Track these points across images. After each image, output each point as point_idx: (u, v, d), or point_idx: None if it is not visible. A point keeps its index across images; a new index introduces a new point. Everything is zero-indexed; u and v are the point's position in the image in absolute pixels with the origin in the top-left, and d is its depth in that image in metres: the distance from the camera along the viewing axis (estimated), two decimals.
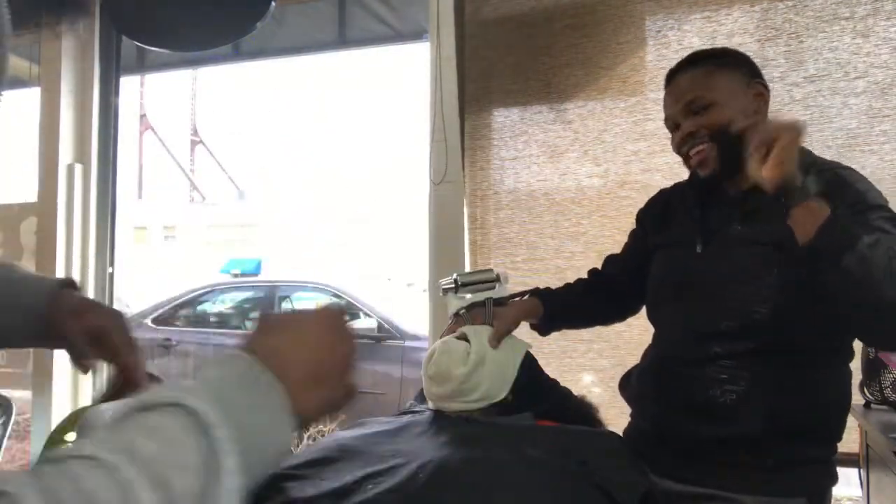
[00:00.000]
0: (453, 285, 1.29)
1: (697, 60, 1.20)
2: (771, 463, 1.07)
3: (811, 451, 1.08)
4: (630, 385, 1.31)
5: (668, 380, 1.18)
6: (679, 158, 1.25)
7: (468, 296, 1.30)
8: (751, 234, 1.11)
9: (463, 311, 1.29)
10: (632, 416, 1.31)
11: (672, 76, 1.23)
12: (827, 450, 1.11)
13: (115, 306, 2.88)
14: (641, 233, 1.38)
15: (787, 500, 1.06)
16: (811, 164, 1.09)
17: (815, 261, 0.95)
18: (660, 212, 1.34)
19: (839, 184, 1.05)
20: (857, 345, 1.63)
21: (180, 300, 5.50)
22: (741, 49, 1.86)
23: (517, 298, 1.35)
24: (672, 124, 1.22)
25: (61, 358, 2.53)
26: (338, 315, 0.58)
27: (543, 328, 1.39)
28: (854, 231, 0.93)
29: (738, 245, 1.12)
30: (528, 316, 1.34)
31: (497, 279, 1.29)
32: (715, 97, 1.15)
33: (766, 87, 1.18)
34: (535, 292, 1.37)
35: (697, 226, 1.20)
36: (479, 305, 1.28)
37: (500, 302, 1.29)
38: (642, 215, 1.39)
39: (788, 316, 1.06)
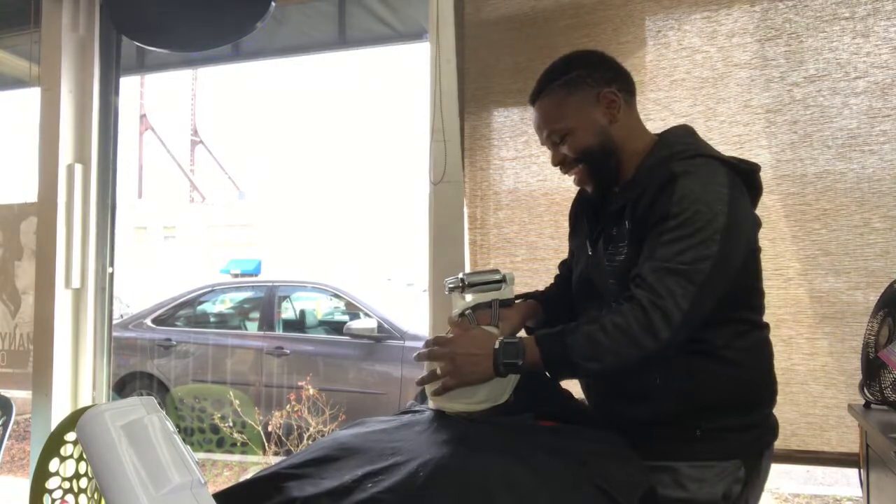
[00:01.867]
0: (459, 285, 1.30)
1: (550, 81, 1.23)
2: (699, 433, 1.15)
3: (735, 419, 1.15)
4: None
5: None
6: None
7: (470, 296, 1.30)
8: (617, 235, 1.19)
9: (469, 311, 1.29)
10: None
11: (532, 102, 1.27)
12: (753, 416, 1.18)
13: (115, 306, 2.88)
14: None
15: (721, 464, 1.13)
16: (661, 160, 1.15)
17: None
18: (575, 211, 1.42)
19: (661, 193, 1.09)
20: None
21: (180, 300, 5.51)
22: (741, 49, 1.89)
23: (520, 301, 1.37)
24: (546, 147, 1.29)
25: (61, 358, 2.54)
26: None
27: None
28: (562, 342, 1.08)
29: (610, 247, 1.20)
30: (531, 318, 1.37)
31: (503, 280, 1.30)
32: (569, 125, 1.21)
33: (618, 92, 1.20)
34: (533, 296, 1.42)
35: (587, 229, 1.29)
36: (484, 306, 1.29)
37: (505, 303, 1.30)
38: (570, 216, 1.47)
39: None
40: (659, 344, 1.04)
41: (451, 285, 1.31)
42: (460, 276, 1.31)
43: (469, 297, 1.30)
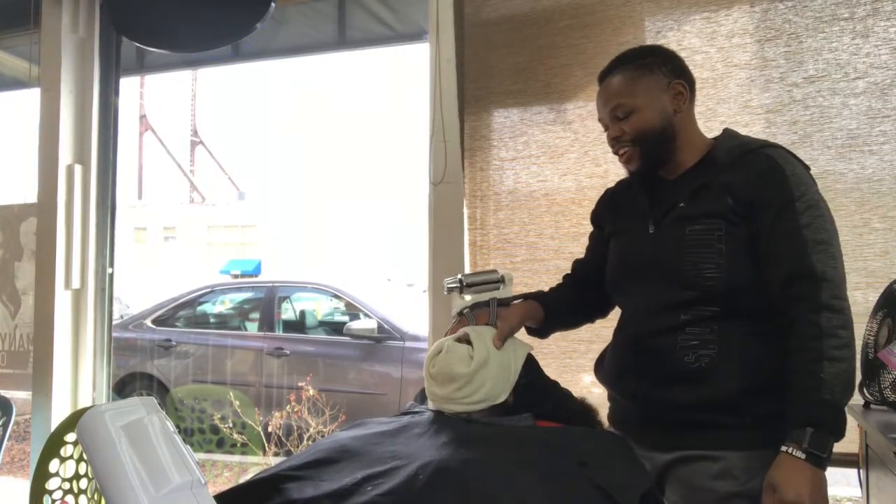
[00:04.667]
0: (458, 285, 1.31)
1: (624, 62, 1.28)
2: (750, 420, 1.14)
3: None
4: (604, 366, 1.37)
5: (644, 354, 1.25)
6: None
7: (469, 297, 1.31)
8: (696, 209, 1.21)
9: (467, 310, 1.30)
10: (610, 398, 1.37)
11: (602, 79, 1.31)
12: None
13: (115, 307, 2.88)
14: (598, 231, 1.47)
15: (771, 450, 1.10)
16: (742, 144, 1.23)
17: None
18: (608, 207, 1.44)
19: (772, 176, 1.16)
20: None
21: (180, 301, 5.50)
22: (741, 50, 1.89)
23: (519, 301, 1.37)
24: (603, 125, 1.32)
25: (61, 358, 2.54)
26: None
27: (544, 332, 1.44)
28: (827, 407, 1.06)
29: (686, 221, 1.21)
30: (530, 318, 1.37)
31: (501, 280, 1.32)
32: (637, 103, 1.24)
33: (686, 85, 1.26)
34: (534, 296, 1.42)
35: (647, 209, 1.29)
36: (483, 305, 1.30)
37: (503, 302, 1.32)
38: (594, 215, 1.48)
39: (743, 279, 1.16)
40: (847, 319, 1.10)
41: (449, 286, 1.33)
42: (459, 276, 1.32)
43: (468, 298, 1.31)
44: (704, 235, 1.18)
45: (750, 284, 1.16)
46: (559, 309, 1.42)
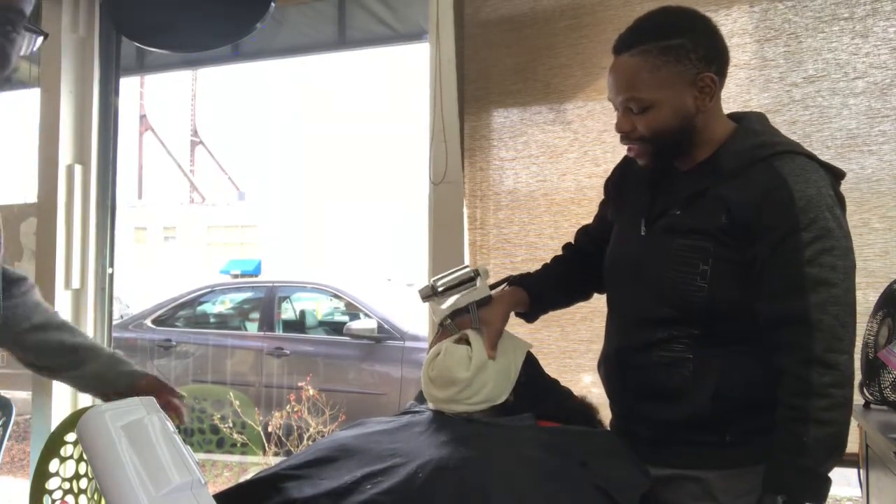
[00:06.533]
0: (430, 293, 1.24)
1: (647, 39, 1.07)
2: (729, 438, 1.10)
3: (768, 421, 1.05)
4: (600, 371, 1.32)
5: (623, 367, 1.21)
6: None
7: (450, 299, 1.24)
8: (689, 221, 1.10)
9: (448, 321, 1.23)
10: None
11: (617, 51, 1.11)
12: None
13: (115, 307, 2.88)
14: (606, 203, 1.36)
15: (752, 469, 1.06)
16: (754, 148, 1.09)
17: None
18: (618, 182, 1.31)
19: (775, 197, 1.03)
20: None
21: (180, 301, 5.50)
22: (741, 50, 1.89)
23: (499, 289, 1.31)
24: (613, 105, 1.16)
25: None
26: None
27: (530, 315, 1.37)
28: (807, 475, 0.99)
29: (676, 231, 1.11)
30: (514, 308, 1.30)
31: (476, 275, 1.24)
32: (654, 98, 1.07)
33: (715, 78, 1.08)
34: (516, 280, 1.34)
35: (644, 207, 1.19)
36: (463, 311, 1.23)
37: (483, 302, 1.24)
38: (607, 184, 1.36)
39: (727, 306, 1.08)
40: (844, 376, 1.00)
41: (423, 295, 1.25)
42: (430, 282, 1.24)
43: (451, 300, 1.24)
44: (689, 253, 1.08)
45: (736, 311, 1.08)
46: (546, 293, 1.34)
